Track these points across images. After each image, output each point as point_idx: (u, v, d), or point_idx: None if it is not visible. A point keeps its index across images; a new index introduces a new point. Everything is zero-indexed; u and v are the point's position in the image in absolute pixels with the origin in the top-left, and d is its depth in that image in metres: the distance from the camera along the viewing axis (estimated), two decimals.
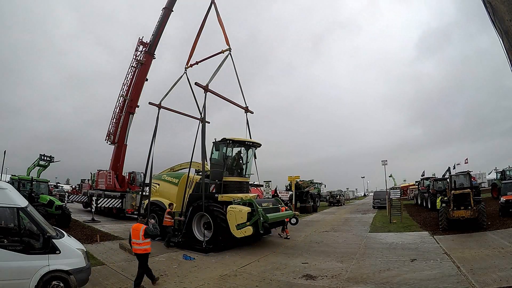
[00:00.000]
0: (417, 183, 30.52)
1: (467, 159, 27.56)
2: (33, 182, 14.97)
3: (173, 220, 11.32)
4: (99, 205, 18.60)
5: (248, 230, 9.41)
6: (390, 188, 30.56)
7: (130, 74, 19.55)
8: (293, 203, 24.55)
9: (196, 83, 11.51)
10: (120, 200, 18.07)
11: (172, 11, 18.79)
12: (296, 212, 14.30)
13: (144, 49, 19.36)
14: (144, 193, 15.21)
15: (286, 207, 12.38)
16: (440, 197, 14.79)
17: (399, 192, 21.81)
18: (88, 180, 25.31)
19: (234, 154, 12.28)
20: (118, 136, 19.21)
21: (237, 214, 9.69)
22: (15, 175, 16.37)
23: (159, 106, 14.25)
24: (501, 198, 13.83)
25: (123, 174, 20.34)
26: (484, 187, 29.89)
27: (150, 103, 14.34)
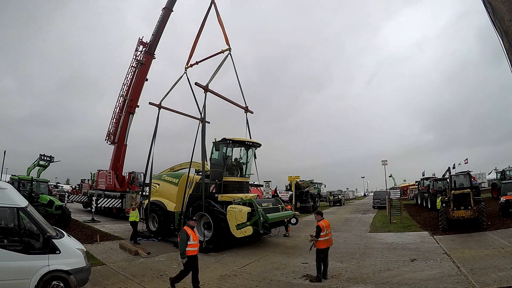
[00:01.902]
0: (417, 183, 30.51)
1: (466, 159, 27.59)
2: (33, 182, 14.97)
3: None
4: (99, 205, 18.60)
5: (248, 230, 9.41)
6: (390, 188, 30.54)
7: (130, 74, 19.55)
8: (293, 203, 24.56)
9: (196, 83, 11.52)
10: (120, 200, 18.07)
11: (172, 11, 18.80)
12: (296, 212, 14.31)
13: (144, 49, 19.36)
14: (144, 193, 15.23)
15: (289, 206, 12.37)
16: (440, 197, 14.80)
17: (399, 192, 21.77)
18: (88, 180, 25.28)
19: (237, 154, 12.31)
20: (118, 136, 19.23)
21: (237, 214, 9.70)
22: (15, 175, 16.36)
23: (159, 106, 14.28)
24: (501, 198, 13.84)
25: (123, 174, 20.35)
26: (484, 187, 29.89)
27: (150, 103, 14.37)
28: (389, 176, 43.19)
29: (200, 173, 11.81)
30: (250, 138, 13.34)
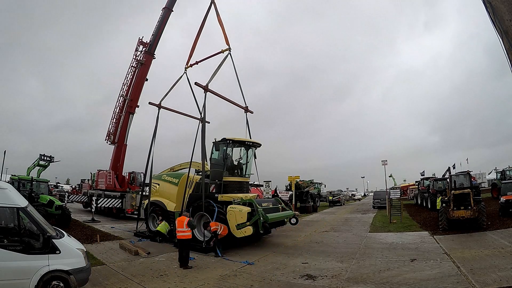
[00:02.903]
0: (417, 183, 30.50)
1: (467, 159, 27.59)
2: (33, 182, 14.97)
3: None
4: (99, 205, 18.60)
5: (248, 230, 9.41)
6: (390, 188, 30.53)
7: (130, 74, 19.55)
8: (293, 203, 24.55)
9: (196, 83, 11.52)
10: (120, 200, 18.07)
11: (172, 11, 18.80)
12: (296, 212, 14.30)
13: (144, 49, 19.35)
14: (144, 193, 15.22)
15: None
16: (440, 197, 14.78)
17: (399, 192, 21.75)
18: (88, 180, 25.28)
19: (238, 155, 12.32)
20: (118, 136, 19.23)
21: (237, 214, 9.69)
22: (15, 175, 16.35)
23: (159, 106, 14.28)
24: (501, 198, 13.82)
25: (123, 174, 20.35)
26: (484, 187, 29.88)
27: (150, 103, 14.37)
28: (389, 176, 43.20)
29: (200, 173, 11.80)
30: (250, 138, 13.34)
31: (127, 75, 19.60)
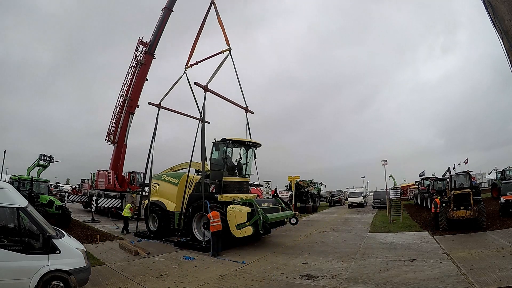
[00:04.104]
0: (417, 183, 30.49)
1: (467, 159, 27.59)
2: (33, 182, 14.97)
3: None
4: (99, 205, 18.61)
5: (248, 230, 9.41)
6: (390, 188, 30.52)
7: (130, 74, 19.56)
8: (293, 203, 24.55)
9: (196, 83, 11.52)
10: (120, 200, 18.08)
11: (172, 11, 18.81)
12: (296, 212, 14.30)
13: (144, 49, 19.37)
14: (144, 193, 15.23)
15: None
16: (438, 197, 14.71)
17: (399, 192, 21.74)
18: (88, 180, 25.30)
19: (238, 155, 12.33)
20: (118, 136, 19.23)
21: (237, 214, 9.69)
22: (15, 175, 16.36)
23: (159, 106, 14.28)
24: (501, 198, 13.83)
25: (123, 174, 20.36)
26: (484, 187, 29.85)
27: (150, 103, 14.37)
28: (389, 176, 43.14)
29: (200, 173, 11.80)
30: (250, 138, 13.34)
31: (127, 75, 19.63)
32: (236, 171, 12.33)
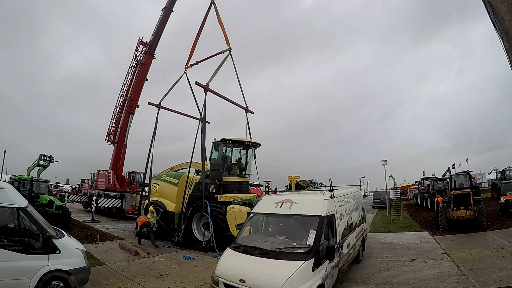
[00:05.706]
0: (417, 183, 30.48)
1: (467, 159, 27.57)
2: (33, 182, 14.96)
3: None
4: (99, 205, 18.60)
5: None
6: (390, 188, 30.50)
7: (130, 74, 19.54)
8: None
9: (196, 83, 11.51)
10: (120, 200, 18.06)
11: (172, 11, 18.78)
12: None
13: (144, 49, 19.34)
14: (144, 193, 15.21)
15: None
16: (439, 196, 14.73)
17: (399, 192, 21.73)
18: (88, 180, 25.30)
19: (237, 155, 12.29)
20: (118, 136, 19.22)
21: (236, 214, 9.69)
22: (15, 175, 16.35)
23: (159, 106, 14.26)
24: (501, 198, 13.83)
25: (123, 174, 20.34)
26: (484, 187, 29.85)
27: (150, 103, 14.35)
28: (389, 176, 43.11)
29: (200, 173, 11.80)
30: (250, 138, 13.33)
31: (127, 75, 19.60)
32: (236, 171, 12.32)
